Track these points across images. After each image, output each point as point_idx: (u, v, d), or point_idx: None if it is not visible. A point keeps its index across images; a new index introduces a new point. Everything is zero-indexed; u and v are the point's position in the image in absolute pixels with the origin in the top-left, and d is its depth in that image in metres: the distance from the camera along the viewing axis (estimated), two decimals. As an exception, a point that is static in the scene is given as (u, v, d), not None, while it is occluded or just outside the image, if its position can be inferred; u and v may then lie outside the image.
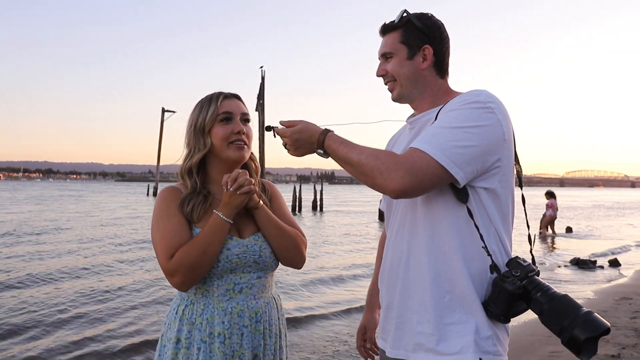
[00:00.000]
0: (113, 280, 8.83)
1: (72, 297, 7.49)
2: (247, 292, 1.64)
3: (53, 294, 7.68)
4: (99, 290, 7.96)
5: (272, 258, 1.68)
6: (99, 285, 8.40)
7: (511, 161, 1.42)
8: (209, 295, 1.62)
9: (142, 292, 7.90)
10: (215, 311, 1.60)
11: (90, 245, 13.50)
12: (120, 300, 7.41)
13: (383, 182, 1.31)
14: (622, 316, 6.02)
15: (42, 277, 8.97)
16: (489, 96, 1.38)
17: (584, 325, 1.20)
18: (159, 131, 51.61)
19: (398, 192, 1.31)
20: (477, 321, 1.36)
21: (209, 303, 1.61)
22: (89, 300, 7.34)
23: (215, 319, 1.59)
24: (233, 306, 1.61)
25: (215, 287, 1.62)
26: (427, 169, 1.29)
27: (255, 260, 1.64)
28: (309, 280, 8.93)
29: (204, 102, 1.68)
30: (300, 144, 1.47)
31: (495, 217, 1.40)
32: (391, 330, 1.51)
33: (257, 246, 1.65)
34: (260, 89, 31.86)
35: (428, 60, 1.52)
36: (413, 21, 1.51)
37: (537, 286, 1.30)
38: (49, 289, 8.05)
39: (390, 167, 1.31)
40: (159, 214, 1.63)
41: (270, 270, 1.71)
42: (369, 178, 1.35)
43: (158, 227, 1.61)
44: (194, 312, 1.62)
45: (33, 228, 17.68)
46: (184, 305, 1.64)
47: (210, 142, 1.65)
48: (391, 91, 1.58)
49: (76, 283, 8.55)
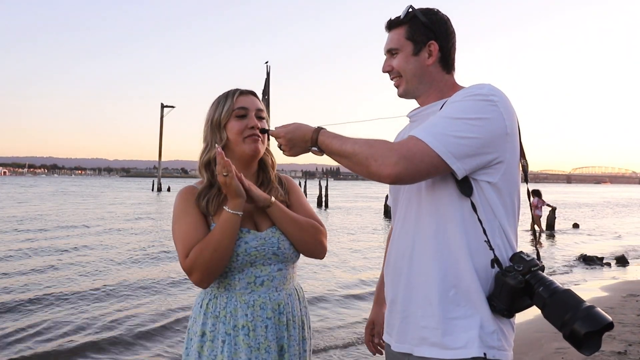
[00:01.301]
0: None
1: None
2: (269, 285, 1.65)
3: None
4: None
5: (292, 250, 1.70)
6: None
7: (516, 155, 1.41)
8: (231, 289, 1.64)
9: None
10: (238, 304, 1.62)
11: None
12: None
13: (377, 169, 1.32)
14: (629, 313, 6.00)
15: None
16: (492, 89, 1.38)
17: (584, 319, 1.19)
18: (159, 127, 51.74)
19: (393, 178, 1.31)
20: (482, 316, 1.36)
21: (231, 296, 1.64)
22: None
23: (239, 312, 1.61)
24: (255, 299, 1.63)
25: (237, 281, 1.64)
26: (422, 157, 1.29)
27: (275, 252, 1.66)
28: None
29: (221, 99, 1.73)
30: (294, 143, 1.50)
31: (499, 212, 1.39)
32: (396, 325, 1.51)
33: (275, 238, 1.67)
34: (266, 84, 31.85)
35: (434, 56, 1.52)
36: (419, 17, 1.51)
37: (539, 281, 1.30)
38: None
39: (384, 154, 1.31)
40: (178, 214, 1.67)
41: (291, 262, 1.72)
42: (364, 167, 1.35)
43: (177, 227, 1.65)
44: (217, 306, 1.64)
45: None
46: (207, 299, 1.67)
47: (226, 137, 1.69)
48: (397, 87, 1.58)
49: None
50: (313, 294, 7.42)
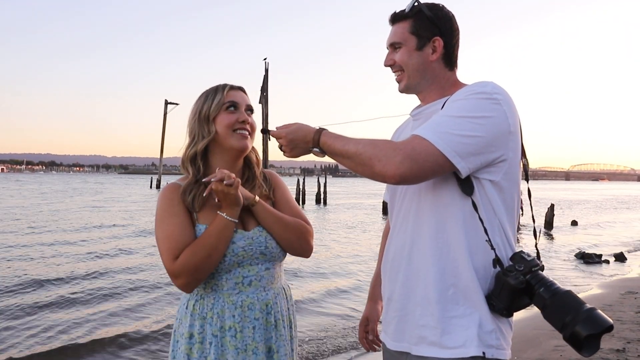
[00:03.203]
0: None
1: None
2: (257, 285, 1.63)
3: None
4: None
5: (279, 248, 1.68)
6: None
7: (518, 154, 1.39)
8: (218, 290, 1.61)
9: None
10: (226, 305, 1.60)
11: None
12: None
13: (382, 169, 1.30)
14: (627, 310, 6.00)
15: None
16: (496, 87, 1.36)
17: (586, 322, 1.19)
18: (162, 123, 51.72)
19: (398, 178, 1.29)
20: (480, 315, 1.35)
21: (218, 297, 1.61)
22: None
23: (226, 313, 1.59)
24: (243, 299, 1.61)
25: (224, 281, 1.61)
26: (427, 156, 1.28)
27: (262, 252, 1.64)
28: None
29: (210, 92, 1.69)
30: (296, 144, 1.47)
31: (500, 211, 1.38)
32: (393, 323, 1.50)
33: (263, 237, 1.64)
34: (264, 81, 31.81)
35: (437, 52, 1.49)
36: (424, 11, 1.48)
37: (540, 281, 1.29)
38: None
39: (388, 153, 1.29)
40: (162, 213, 1.62)
41: (278, 260, 1.70)
42: (367, 167, 1.33)
43: (161, 227, 1.59)
44: (204, 307, 1.61)
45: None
46: (194, 300, 1.64)
47: (215, 130, 1.65)
48: (399, 82, 1.56)
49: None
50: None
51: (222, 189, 1.52)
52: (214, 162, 1.69)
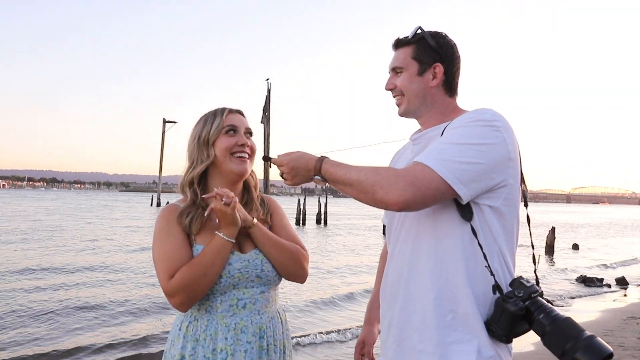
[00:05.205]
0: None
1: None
2: (251, 308, 1.63)
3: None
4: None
5: (275, 272, 1.67)
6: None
7: (517, 180, 1.40)
8: (212, 311, 1.61)
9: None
10: (219, 327, 1.59)
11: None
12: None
13: (384, 196, 1.30)
14: (629, 336, 5.93)
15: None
16: (495, 115, 1.38)
17: (586, 349, 1.18)
18: (161, 142, 52.04)
19: (401, 205, 1.29)
20: (479, 340, 1.34)
21: (212, 319, 1.60)
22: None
23: (219, 335, 1.58)
24: (237, 322, 1.60)
25: (219, 303, 1.61)
26: (429, 183, 1.28)
27: (258, 275, 1.64)
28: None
29: (209, 116, 1.70)
30: (297, 171, 1.48)
31: (499, 236, 1.38)
32: (391, 348, 1.49)
33: (259, 260, 1.64)
34: (266, 101, 32.01)
35: (438, 79, 1.52)
36: (426, 38, 1.52)
37: (539, 307, 1.28)
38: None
39: (390, 181, 1.30)
40: (159, 233, 1.63)
41: (274, 284, 1.70)
42: (370, 195, 1.34)
43: (158, 247, 1.61)
44: (197, 329, 1.60)
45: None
46: (187, 322, 1.63)
47: (214, 154, 1.66)
48: (398, 106, 1.58)
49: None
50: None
51: (221, 207, 1.53)
52: (213, 186, 1.69)
